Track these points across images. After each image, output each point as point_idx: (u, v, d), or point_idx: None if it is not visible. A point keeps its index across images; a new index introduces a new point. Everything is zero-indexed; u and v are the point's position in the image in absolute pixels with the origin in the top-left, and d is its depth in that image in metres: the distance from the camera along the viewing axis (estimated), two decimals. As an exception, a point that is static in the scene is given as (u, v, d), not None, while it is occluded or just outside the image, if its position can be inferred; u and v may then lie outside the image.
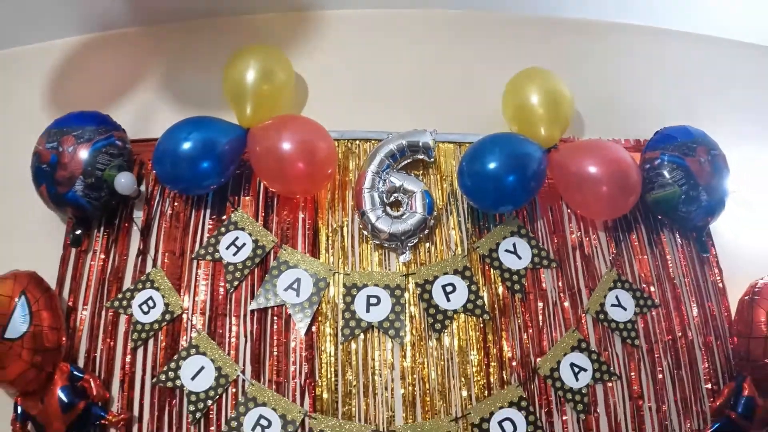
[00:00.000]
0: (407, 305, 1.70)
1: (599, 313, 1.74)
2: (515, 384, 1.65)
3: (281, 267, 1.72)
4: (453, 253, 1.78)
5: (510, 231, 1.80)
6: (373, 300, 1.69)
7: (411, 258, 1.75)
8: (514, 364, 1.67)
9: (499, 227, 1.81)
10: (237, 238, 1.75)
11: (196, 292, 1.71)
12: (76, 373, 1.57)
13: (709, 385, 1.71)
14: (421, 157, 1.80)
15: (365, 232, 1.76)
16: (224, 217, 1.79)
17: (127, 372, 1.63)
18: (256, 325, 1.68)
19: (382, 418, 1.60)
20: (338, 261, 1.75)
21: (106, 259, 1.75)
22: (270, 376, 1.63)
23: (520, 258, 1.77)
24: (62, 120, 1.72)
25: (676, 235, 1.88)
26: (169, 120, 1.77)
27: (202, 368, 1.62)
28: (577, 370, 1.66)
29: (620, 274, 1.80)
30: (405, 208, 1.75)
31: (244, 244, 1.74)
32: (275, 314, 1.69)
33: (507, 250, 1.78)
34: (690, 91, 2.13)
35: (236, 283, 1.70)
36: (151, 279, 1.71)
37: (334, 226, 1.79)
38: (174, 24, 2.13)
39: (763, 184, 1.97)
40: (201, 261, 1.74)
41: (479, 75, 2.05)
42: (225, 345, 1.65)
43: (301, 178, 1.69)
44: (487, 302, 1.72)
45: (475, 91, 2.01)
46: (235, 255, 1.73)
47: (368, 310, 1.68)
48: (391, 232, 1.69)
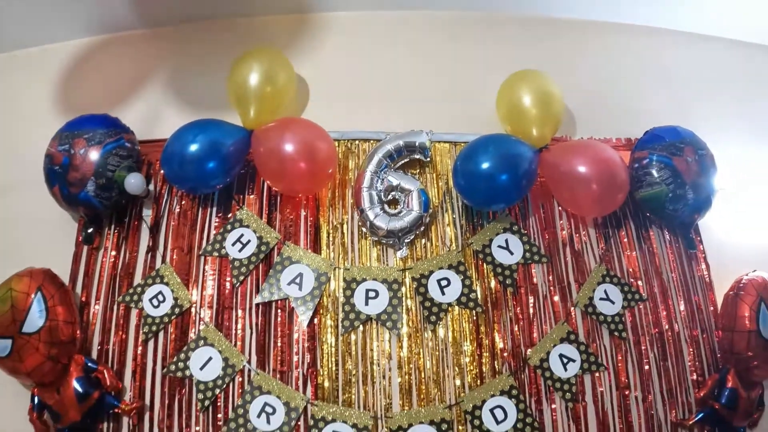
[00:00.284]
0: (404, 298, 1.72)
1: (588, 306, 1.75)
2: (506, 373, 1.66)
3: (284, 262, 1.74)
4: (448, 249, 1.79)
5: (503, 227, 1.81)
6: (372, 294, 1.72)
7: (408, 253, 1.77)
8: (505, 354, 1.69)
9: (492, 224, 1.82)
10: (242, 235, 1.77)
11: (203, 286, 1.74)
12: (90, 364, 1.60)
13: (694, 377, 1.73)
14: (417, 156, 1.81)
15: (364, 229, 1.78)
16: (230, 215, 1.81)
17: (139, 363, 1.66)
18: (261, 317, 1.70)
19: (380, 405, 1.63)
20: (338, 257, 1.77)
21: (117, 255, 1.77)
22: (274, 365, 1.66)
23: (512, 253, 1.78)
24: (73, 123, 1.73)
25: (665, 232, 1.88)
26: (176, 121, 1.79)
27: (210, 359, 1.65)
28: (565, 360, 1.68)
29: (609, 269, 1.80)
30: (402, 206, 1.76)
31: (249, 241, 1.77)
32: (279, 307, 1.72)
33: (500, 246, 1.79)
34: (681, 90, 2.11)
35: (242, 277, 1.73)
36: (161, 274, 1.73)
37: (335, 223, 1.81)
38: (178, 26, 2.13)
39: (753, 182, 1.96)
40: (208, 257, 1.76)
41: (474, 76, 2.03)
42: (231, 337, 1.68)
43: (302, 178, 1.71)
44: (480, 296, 1.74)
45: (470, 92, 2.00)
46: (240, 251, 1.75)
47: (367, 303, 1.71)
48: (388, 228, 1.72)
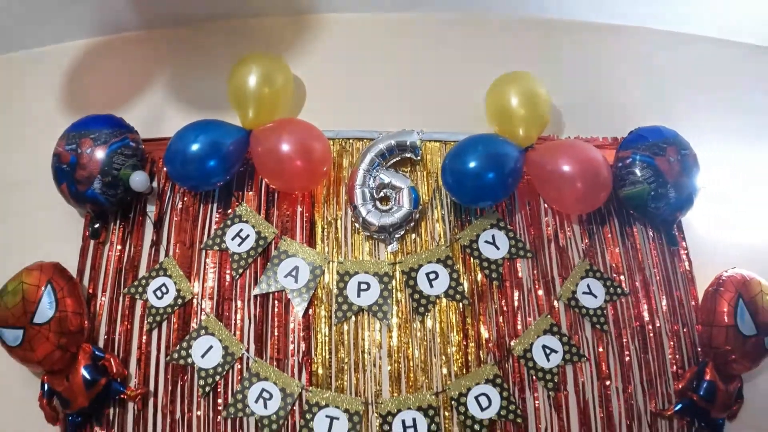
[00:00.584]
0: (394, 291, 1.77)
1: (571, 299, 1.78)
2: (491, 363, 1.71)
3: (281, 256, 1.79)
4: (437, 244, 1.84)
5: (490, 224, 1.85)
6: (364, 286, 1.76)
7: (398, 248, 1.82)
8: (490, 345, 1.73)
9: (480, 220, 1.86)
10: (241, 229, 1.82)
11: (204, 279, 1.79)
12: (97, 353, 1.66)
13: (674, 369, 1.75)
14: (408, 155, 1.85)
15: (357, 225, 1.82)
16: (230, 211, 1.85)
17: (144, 351, 1.71)
18: (259, 308, 1.75)
19: (370, 391, 1.68)
20: (332, 251, 1.82)
21: (123, 249, 1.82)
22: (271, 353, 1.71)
23: (498, 249, 1.82)
24: (79, 123, 1.77)
25: (648, 229, 1.90)
26: (177, 120, 1.84)
27: (211, 347, 1.70)
28: (548, 351, 1.72)
29: (592, 264, 1.83)
30: (393, 203, 1.81)
31: (248, 236, 1.81)
32: (276, 298, 1.76)
33: (486, 241, 1.83)
34: (667, 89, 2.12)
35: (241, 270, 1.78)
36: (164, 267, 1.78)
37: (329, 219, 1.86)
38: (179, 28, 2.15)
39: (736, 181, 1.98)
40: (209, 251, 1.81)
41: (464, 77, 2.06)
42: (231, 326, 1.73)
43: (298, 176, 1.75)
44: (466, 289, 1.78)
45: (460, 93, 2.02)
46: (239, 245, 1.80)
47: (359, 295, 1.75)
48: (380, 224, 1.76)
